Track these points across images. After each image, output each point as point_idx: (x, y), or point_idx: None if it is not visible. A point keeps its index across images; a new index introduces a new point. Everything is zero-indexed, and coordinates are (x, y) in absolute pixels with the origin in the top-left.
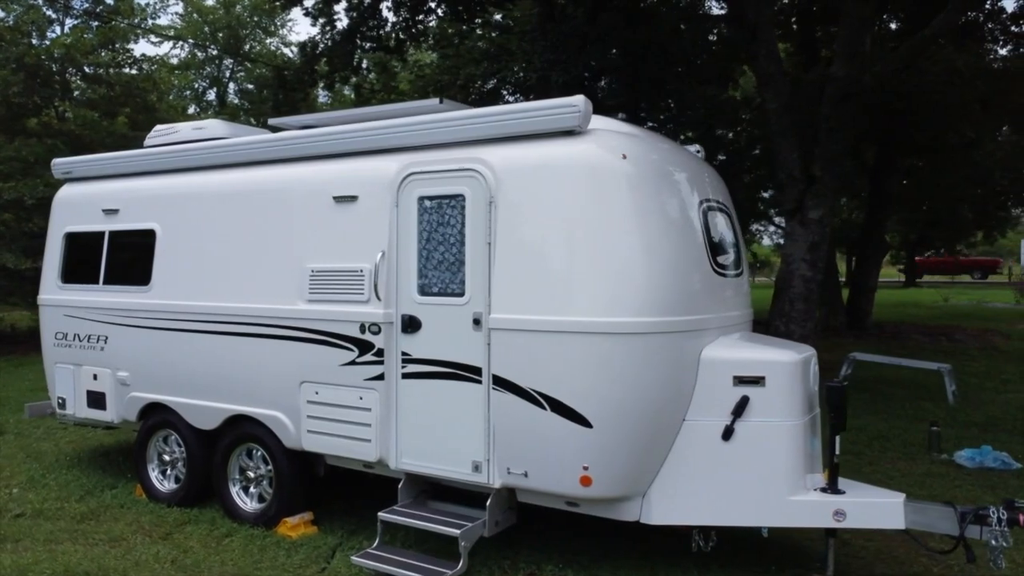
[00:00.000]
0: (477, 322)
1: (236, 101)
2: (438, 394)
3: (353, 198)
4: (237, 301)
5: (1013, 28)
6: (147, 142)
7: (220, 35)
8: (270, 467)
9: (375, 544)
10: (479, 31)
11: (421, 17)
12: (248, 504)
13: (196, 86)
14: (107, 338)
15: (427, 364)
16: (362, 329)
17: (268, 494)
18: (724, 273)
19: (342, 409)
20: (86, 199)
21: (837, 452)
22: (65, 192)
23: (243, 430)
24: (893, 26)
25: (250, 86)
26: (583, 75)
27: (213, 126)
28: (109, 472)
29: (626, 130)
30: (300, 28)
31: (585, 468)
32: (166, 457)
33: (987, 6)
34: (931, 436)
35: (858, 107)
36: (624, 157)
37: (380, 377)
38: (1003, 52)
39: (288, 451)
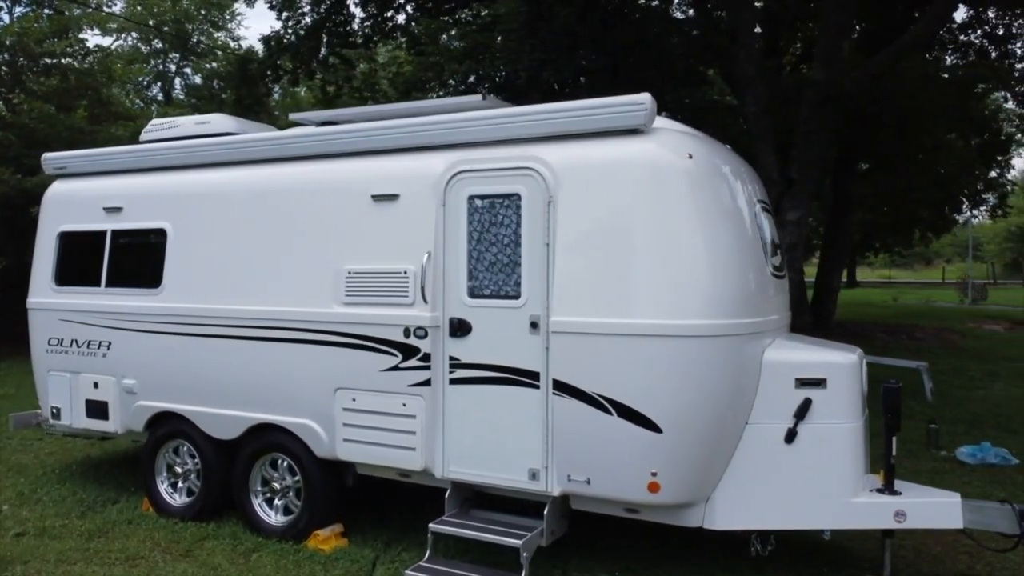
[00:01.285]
0: (535, 325)
1: (182, 97)
2: (490, 400)
3: (393, 197)
4: (263, 304)
5: (962, 37)
6: (144, 137)
7: (165, 28)
8: (297, 478)
9: (426, 557)
10: (455, 30)
11: (390, 14)
12: (272, 517)
13: (140, 80)
14: (110, 344)
15: (478, 369)
16: (406, 333)
17: (295, 506)
18: (777, 274)
19: (383, 416)
20: (83, 196)
21: (894, 453)
22: (58, 189)
23: (268, 439)
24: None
25: (198, 80)
26: (576, 75)
27: (219, 121)
28: (107, 485)
29: (686, 129)
30: (253, 23)
31: (653, 474)
32: (178, 469)
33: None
34: (930, 433)
35: (837, 110)
36: (689, 157)
37: (426, 383)
38: (951, 61)
39: (319, 461)
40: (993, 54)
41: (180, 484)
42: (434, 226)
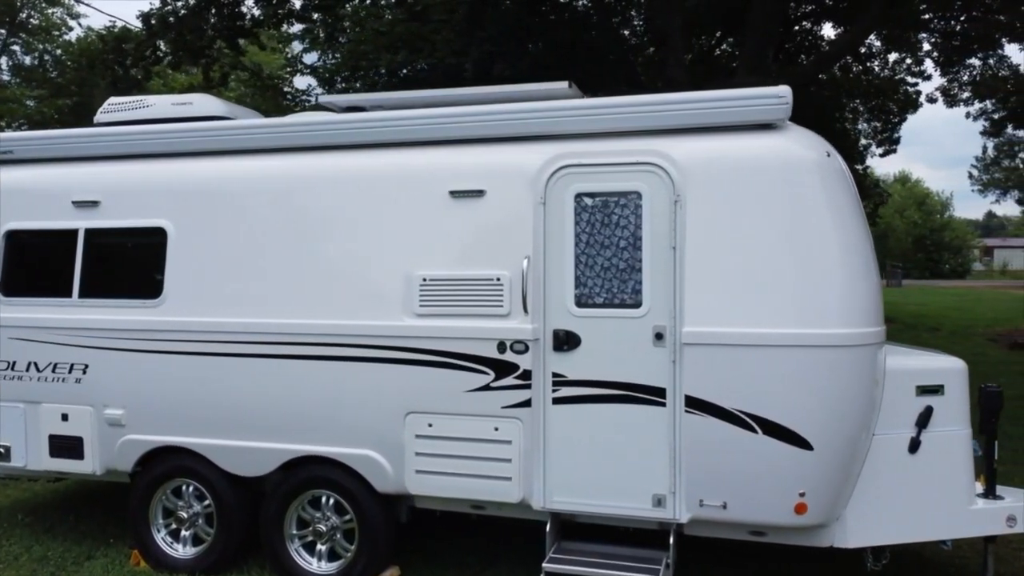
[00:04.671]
0: (659, 336)
1: (7, 79)
2: (603, 421)
3: (478, 193)
4: (308, 317)
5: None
6: (103, 118)
7: None
8: (347, 517)
9: None
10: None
11: None
12: (315, 564)
13: None
14: (86, 367)
15: (587, 386)
16: (501, 348)
17: (346, 549)
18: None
19: (468, 443)
20: (40, 188)
21: (996, 457)
22: (3, 178)
23: (309, 474)
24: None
25: (27, 60)
26: (533, 69)
27: (203, 102)
28: (76, 535)
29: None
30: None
31: (801, 494)
32: (182, 514)
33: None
34: None
35: None
36: (828, 155)
37: (525, 404)
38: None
39: (378, 497)
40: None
41: (183, 532)
42: (532, 227)
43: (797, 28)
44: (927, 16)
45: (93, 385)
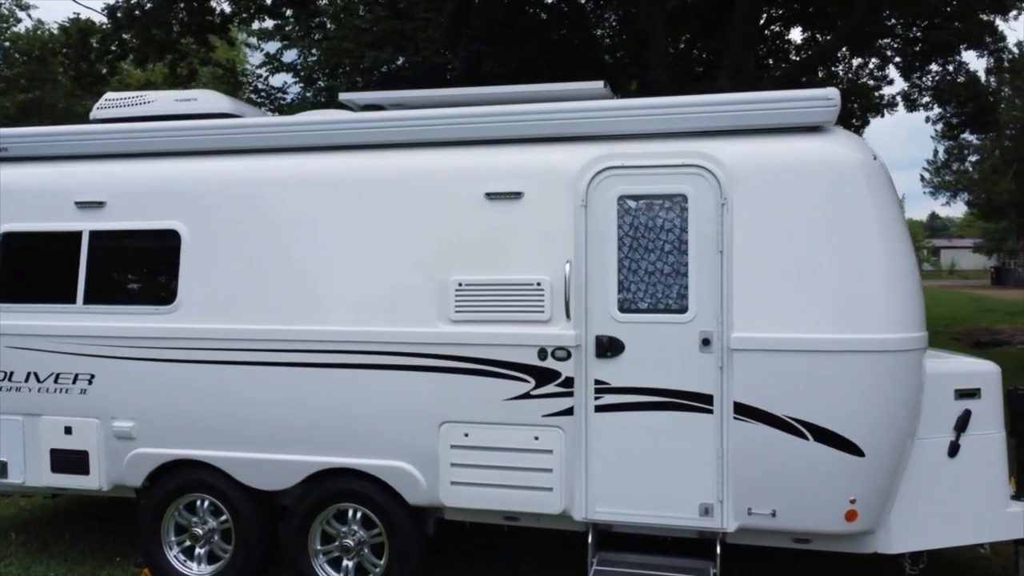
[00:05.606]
0: (706, 342)
1: None
2: (647, 429)
3: (516, 195)
4: (336, 324)
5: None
6: (96, 115)
7: None
8: (376, 531)
9: None
10: (364, 13)
11: None
12: None
13: None
14: (92, 377)
15: (631, 394)
16: (542, 355)
17: (373, 565)
18: None
19: (506, 453)
20: (39, 187)
21: None
22: None
23: (335, 487)
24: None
25: None
26: (524, 68)
27: (208, 99)
28: (73, 556)
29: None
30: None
31: (852, 501)
32: (198, 531)
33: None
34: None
35: None
36: (875, 158)
37: (567, 412)
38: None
39: (409, 509)
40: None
41: (199, 549)
42: (573, 230)
43: (767, 33)
44: (891, 22)
45: (100, 396)
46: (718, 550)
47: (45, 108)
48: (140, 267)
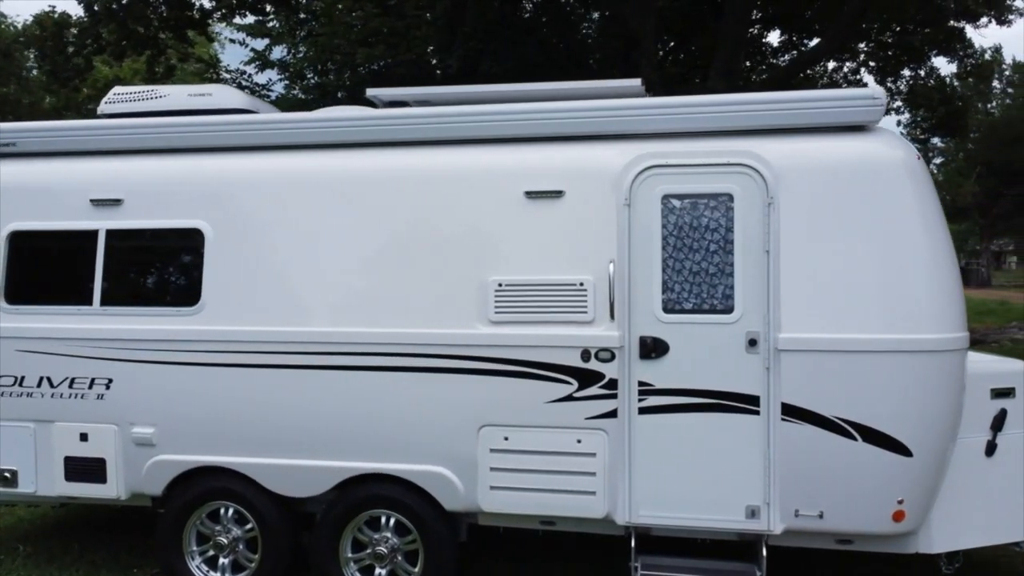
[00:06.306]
0: (753, 343)
1: None
2: (692, 431)
3: (557, 194)
4: (371, 326)
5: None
6: (104, 109)
7: None
8: (409, 537)
9: None
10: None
11: None
12: None
13: None
14: (110, 381)
15: (676, 395)
16: (585, 356)
17: (407, 573)
18: None
19: (548, 457)
20: (51, 184)
21: None
22: (3, 172)
23: (367, 493)
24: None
25: None
26: (522, 67)
27: (223, 94)
28: (84, 568)
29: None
30: None
31: (900, 502)
32: (222, 540)
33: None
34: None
35: None
36: (918, 158)
37: (610, 414)
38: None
39: (445, 515)
40: None
41: (222, 559)
42: (616, 229)
43: (748, 35)
44: (864, 26)
45: (118, 401)
46: (764, 552)
47: (9, 105)
48: (161, 267)
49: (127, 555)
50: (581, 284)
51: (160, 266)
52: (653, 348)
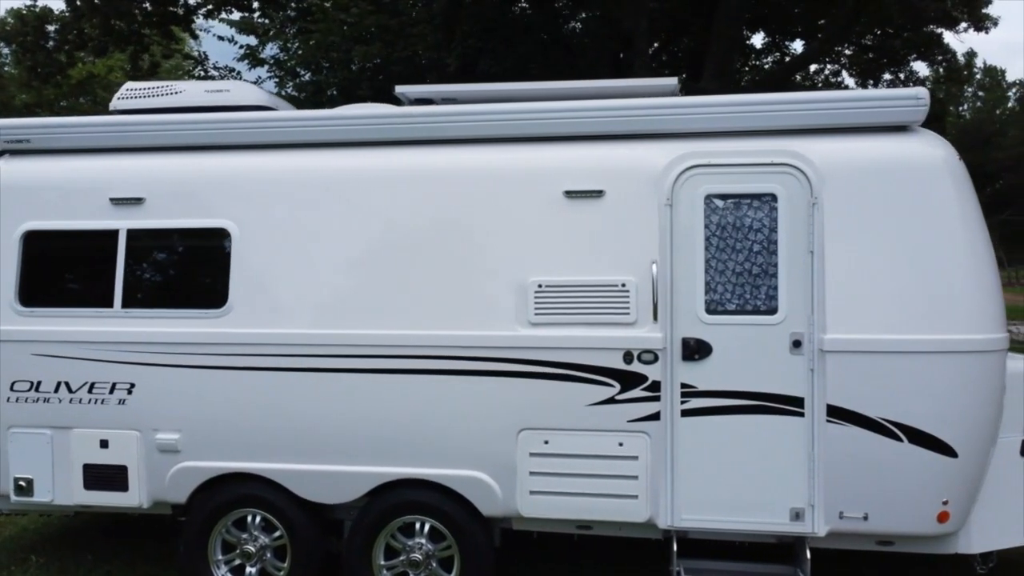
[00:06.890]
0: (797, 344)
1: None
2: (735, 433)
3: (597, 193)
4: (407, 328)
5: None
6: (117, 105)
7: None
8: (444, 544)
9: None
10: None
11: None
12: None
13: None
14: (132, 386)
15: (719, 397)
16: (627, 358)
17: None
18: None
19: (589, 460)
20: (68, 182)
21: None
22: (16, 170)
23: (401, 499)
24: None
25: None
26: (522, 66)
27: (241, 90)
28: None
29: None
30: None
31: (945, 503)
32: (250, 548)
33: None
34: None
35: None
36: (958, 158)
37: (652, 417)
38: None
39: (482, 520)
40: None
41: (249, 568)
42: (657, 230)
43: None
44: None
45: (141, 406)
46: (808, 555)
47: None
48: (185, 268)
49: (144, 564)
50: (623, 285)
51: (184, 267)
52: (696, 350)
